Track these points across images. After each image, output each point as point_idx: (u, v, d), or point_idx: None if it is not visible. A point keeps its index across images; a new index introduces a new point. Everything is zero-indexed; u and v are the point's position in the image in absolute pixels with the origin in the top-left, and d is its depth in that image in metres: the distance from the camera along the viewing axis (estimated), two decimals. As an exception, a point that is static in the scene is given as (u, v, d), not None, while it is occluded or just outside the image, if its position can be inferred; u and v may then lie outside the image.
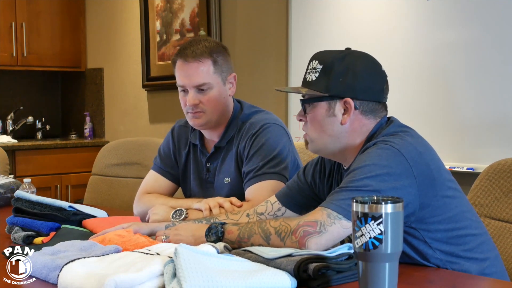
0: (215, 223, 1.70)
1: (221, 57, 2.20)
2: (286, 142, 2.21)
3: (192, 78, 2.16)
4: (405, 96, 3.34)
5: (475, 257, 1.63)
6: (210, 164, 2.29)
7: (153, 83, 5.04)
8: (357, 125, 1.69)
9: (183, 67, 2.17)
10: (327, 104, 1.69)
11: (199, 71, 2.15)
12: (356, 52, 1.73)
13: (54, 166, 5.20)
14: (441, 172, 1.63)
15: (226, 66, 2.22)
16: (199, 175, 2.32)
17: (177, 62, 2.19)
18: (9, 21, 5.26)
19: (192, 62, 2.15)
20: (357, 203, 1.23)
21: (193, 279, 1.25)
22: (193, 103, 2.17)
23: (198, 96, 2.17)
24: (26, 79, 5.73)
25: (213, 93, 2.18)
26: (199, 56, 2.15)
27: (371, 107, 1.69)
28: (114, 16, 5.48)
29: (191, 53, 2.16)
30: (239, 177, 2.22)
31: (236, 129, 2.24)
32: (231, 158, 2.24)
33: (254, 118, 2.25)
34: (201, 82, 2.16)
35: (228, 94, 2.24)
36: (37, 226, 1.97)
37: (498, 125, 3.01)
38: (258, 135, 2.18)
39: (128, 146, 3.16)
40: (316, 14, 3.84)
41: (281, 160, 2.15)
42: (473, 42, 3.12)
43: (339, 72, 1.67)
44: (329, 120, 1.69)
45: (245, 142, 2.20)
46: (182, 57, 2.17)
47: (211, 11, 4.51)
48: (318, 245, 1.50)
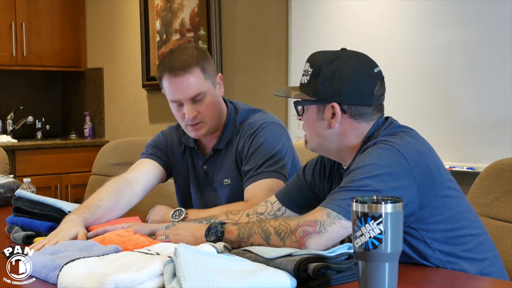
0: (215, 223, 1.70)
1: (206, 62, 2.15)
2: (285, 141, 2.20)
3: (186, 91, 2.10)
4: (405, 96, 3.34)
5: (474, 257, 1.63)
6: (207, 167, 2.27)
7: (153, 83, 5.04)
8: (347, 128, 1.69)
9: (174, 82, 2.10)
10: (317, 108, 1.69)
11: (192, 82, 2.10)
12: (347, 54, 1.71)
13: (54, 166, 5.20)
14: (441, 172, 1.63)
15: (212, 69, 2.18)
16: (196, 177, 2.31)
17: (165, 77, 2.11)
18: (9, 21, 5.26)
19: (182, 75, 2.09)
20: (357, 203, 1.24)
21: (193, 279, 1.25)
22: (193, 115, 2.12)
23: (195, 107, 2.12)
24: (26, 79, 5.73)
25: (208, 100, 2.14)
26: (187, 67, 2.09)
27: (360, 111, 1.67)
28: (114, 16, 5.48)
29: (179, 65, 2.09)
30: (239, 177, 2.20)
31: (235, 131, 2.23)
32: (231, 159, 2.22)
33: (252, 117, 2.23)
34: (195, 93, 2.11)
35: (220, 96, 2.22)
36: (37, 226, 1.97)
37: (498, 125, 3.01)
38: (257, 134, 2.17)
39: (128, 146, 3.16)
40: (316, 14, 3.84)
41: (280, 158, 2.14)
42: (473, 41, 3.12)
43: (326, 76, 1.66)
44: (319, 123, 1.70)
45: (244, 142, 2.19)
46: (171, 72, 2.10)
47: (211, 11, 4.51)
48: (318, 245, 1.50)
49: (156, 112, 5.14)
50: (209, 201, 2.27)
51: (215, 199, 2.25)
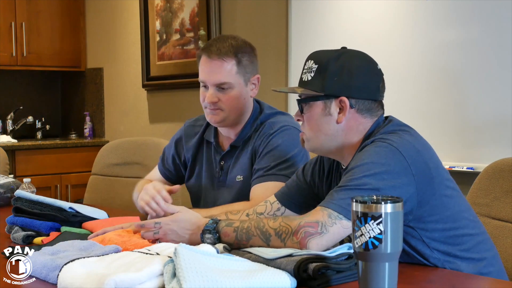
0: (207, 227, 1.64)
1: (246, 57, 2.16)
2: (302, 148, 2.19)
3: (213, 75, 2.13)
4: (404, 96, 3.34)
5: (472, 257, 1.63)
6: (224, 163, 2.27)
7: (153, 83, 5.04)
8: (353, 123, 1.69)
9: (206, 63, 2.15)
10: (323, 104, 1.69)
11: (222, 70, 2.13)
12: (351, 51, 1.73)
13: (54, 166, 5.19)
14: (440, 171, 1.63)
15: (250, 66, 2.18)
16: (211, 172, 2.30)
17: (202, 57, 2.16)
18: (9, 21, 5.25)
19: (215, 59, 2.12)
20: (356, 203, 1.24)
21: (192, 279, 1.25)
22: (211, 100, 2.15)
23: (217, 94, 2.15)
24: (26, 79, 5.73)
25: (233, 93, 2.15)
26: (223, 55, 2.12)
27: (367, 105, 1.69)
28: (114, 16, 5.48)
29: (216, 50, 2.13)
30: (251, 175, 2.19)
31: (254, 129, 2.22)
32: (246, 156, 2.22)
33: (275, 118, 2.23)
34: (222, 81, 2.13)
35: (250, 95, 2.22)
36: (37, 226, 1.97)
37: (498, 124, 3.01)
38: (275, 135, 2.17)
39: (128, 146, 3.16)
40: (316, 14, 3.84)
41: (293, 164, 2.13)
42: (473, 41, 3.12)
43: (334, 71, 1.67)
44: (325, 119, 1.69)
45: (261, 140, 2.18)
46: (207, 53, 2.14)
47: (211, 10, 4.51)
48: (319, 246, 1.50)
49: (156, 112, 5.13)
50: (219, 197, 2.26)
51: (227, 195, 2.24)
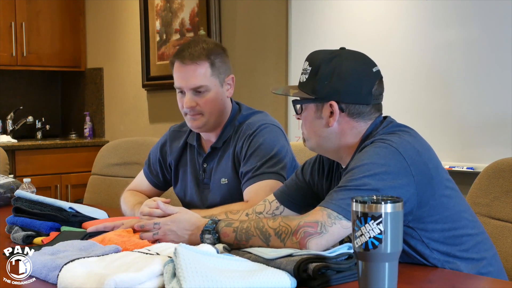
0: (207, 227, 1.65)
1: (219, 59, 2.19)
2: (284, 142, 2.20)
3: (189, 80, 2.15)
4: (404, 96, 3.34)
5: (471, 257, 1.63)
6: (206, 165, 2.29)
7: (153, 83, 5.04)
8: (346, 127, 1.69)
9: (180, 69, 2.17)
10: (315, 106, 1.69)
11: (196, 74, 2.15)
12: (346, 53, 1.71)
13: (54, 166, 5.19)
14: (439, 171, 1.63)
15: (224, 67, 2.21)
16: (195, 175, 2.32)
17: (175, 63, 2.18)
18: (9, 21, 5.25)
19: (189, 64, 2.15)
20: (356, 203, 1.24)
21: (192, 279, 1.25)
22: (190, 105, 2.17)
23: (195, 98, 2.17)
24: (26, 79, 5.73)
25: (210, 96, 2.18)
26: (196, 59, 2.14)
27: (358, 109, 1.67)
28: (114, 16, 5.48)
29: (188, 55, 2.15)
30: (236, 177, 2.21)
31: (233, 130, 2.24)
32: (228, 158, 2.24)
33: (251, 119, 2.25)
34: (198, 84, 2.15)
35: (226, 96, 2.24)
36: (37, 226, 1.97)
37: (498, 125, 3.01)
38: (255, 135, 2.18)
39: (128, 146, 3.17)
40: (316, 14, 3.84)
41: (279, 160, 2.15)
42: (473, 41, 3.12)
43: (325, 74, 1.66)
44: (317, 121, 1.70)
45: (242, 143, 2.20)
46: (180, 59, 2.16)
47: (211, 11, 4.51)
48: (319, 246, 1.50)
49: (156, 112, 5.14)
50: (206, 200, 2.28)
51: (213, 198, 2.26)
